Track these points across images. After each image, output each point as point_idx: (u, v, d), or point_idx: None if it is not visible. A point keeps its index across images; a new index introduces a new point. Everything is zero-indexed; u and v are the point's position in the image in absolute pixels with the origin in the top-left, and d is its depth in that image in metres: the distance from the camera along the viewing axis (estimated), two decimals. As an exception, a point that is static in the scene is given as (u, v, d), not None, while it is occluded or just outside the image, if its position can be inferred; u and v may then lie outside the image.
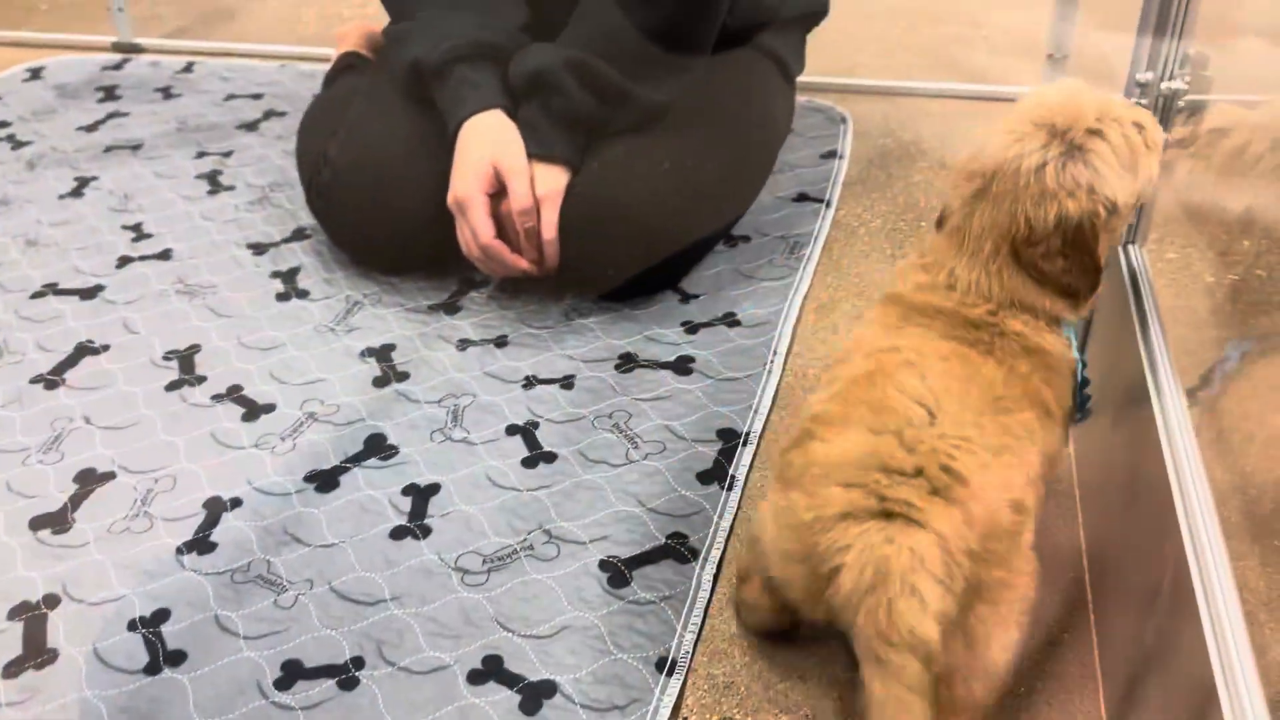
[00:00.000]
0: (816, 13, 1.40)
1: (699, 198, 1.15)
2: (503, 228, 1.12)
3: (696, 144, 1.16)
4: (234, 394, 1.07)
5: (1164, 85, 0.79)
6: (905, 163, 1.47)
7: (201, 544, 0.90)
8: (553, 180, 1.10)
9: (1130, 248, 0.87)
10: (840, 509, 0.65)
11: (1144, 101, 0.82)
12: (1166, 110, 0.80)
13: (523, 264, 1.12)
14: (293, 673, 0.79)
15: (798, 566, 0.68)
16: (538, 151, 1.10)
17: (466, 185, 1.09)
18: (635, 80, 1.11)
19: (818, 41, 1.44)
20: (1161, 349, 0.75)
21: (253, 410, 1.05)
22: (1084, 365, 0.76)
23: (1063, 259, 0.69)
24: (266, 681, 0.78)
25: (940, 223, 0.76)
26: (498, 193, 1.11)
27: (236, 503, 0.94)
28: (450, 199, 1.11)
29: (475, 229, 1.10)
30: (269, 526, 0.91)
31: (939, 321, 0.74)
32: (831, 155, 1.47)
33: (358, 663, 0.79)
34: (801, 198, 1.37)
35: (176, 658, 0.80)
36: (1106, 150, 0.69)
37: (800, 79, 1.42)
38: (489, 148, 1.10)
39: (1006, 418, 0.69)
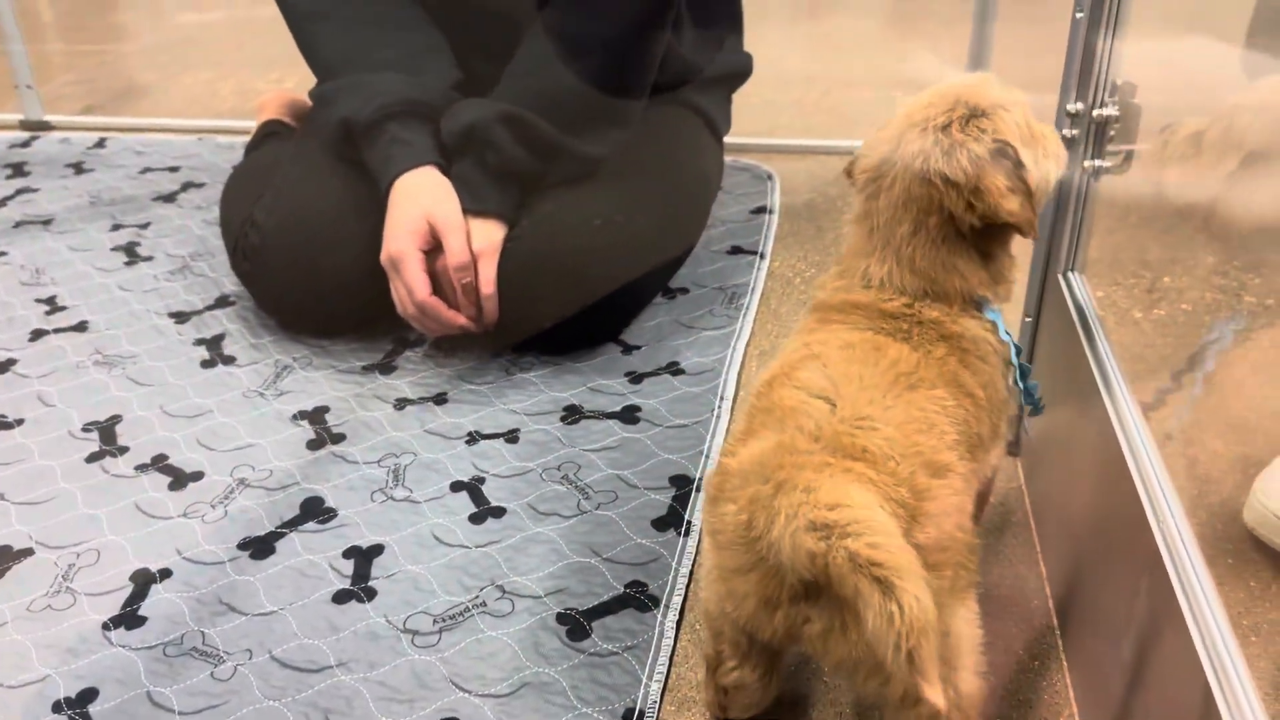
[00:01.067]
0: (740, 73, 1.42)
1: (632, 250, 1.15)
2: (438, 285, 1.09)
3: (629, 197, 1.16)
4: (159, 463, 1.02)
5: (1095, 113, 0.81)
6: (833, 215, 1.49)
7: (130, 618, 0.84)
8: (489, 235, 1.08)
9: (1071, 275, 0.88)
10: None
11: (1075, 132, 0.84)
12: (1099, 137, 0.82)
13: (460, 320, 1.10)
14: (234, 748, 0.73)
15: (752, 577, 0.63)
16: (473, 207, 1.08)
17: (400, 242, 1.07)
18: (569, 134, 1.11)
19: (739, 106, 1.46)
20: (1114, 369, 0.76)
21: (180, 479, 1.00)
22: (1019, 351, 0.74)
23: (979, 203, 0.69)
24: (205, 759, 0.73)
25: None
26: (432, 249, 1.09)
27: (166, 574, 0.89)
28: (384, 256, 1.09)
29: (410, 286, 1.07)
30: (201, 597, 0.86)
31: (856, 316, 0.72)
32: (761, 210, 1.48)
33: (304, 733, 0.74)
34: (736, 250, 1.37)
35: (104, 740, 0.74)
36: (1009, 119, 0.70)
37: (726, 140, 1.44)
38: (423, 203, 1.08)
39: (913, 393, 0.67)
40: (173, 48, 2.42)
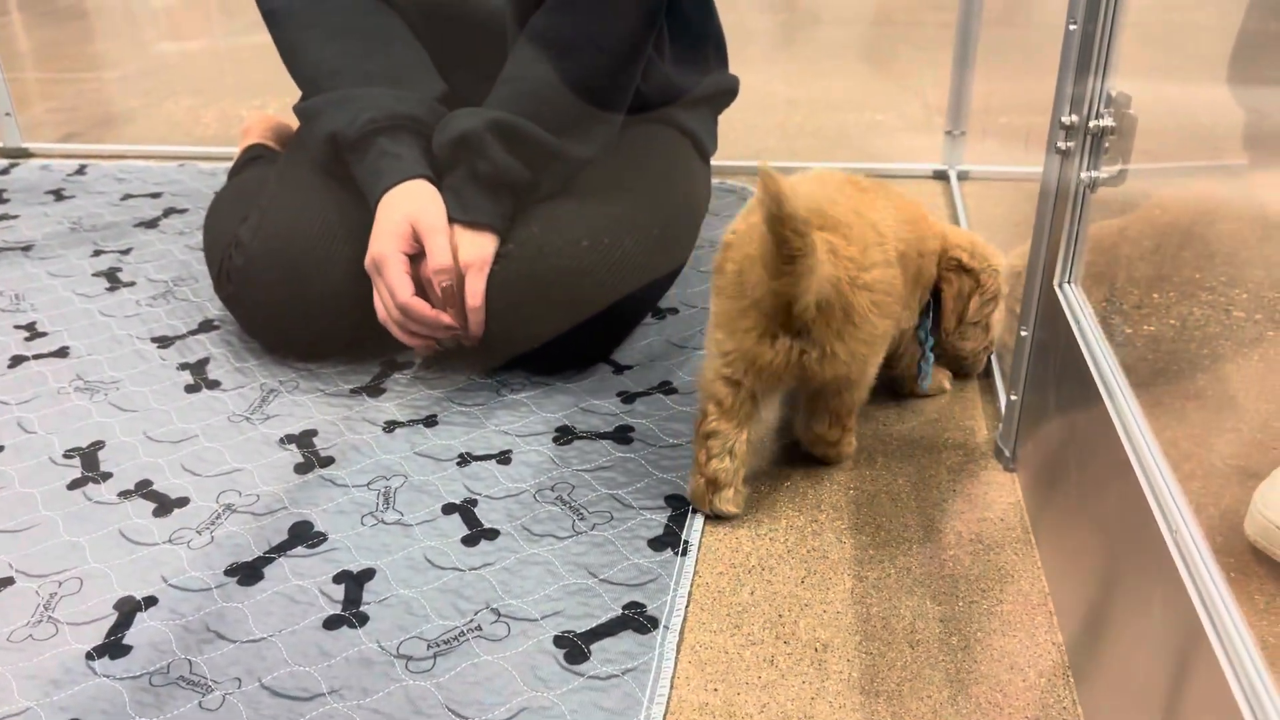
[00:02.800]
0: (726, 92, 1.42)
1: (620, 271, 1.14)
2: (423, 294, 1.08)
3: (617, 218, 1.15)
4: (143, 489, 1.00)
5: (1091, 124, 0.80)
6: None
7: (114, 647, 0.82)
8: (479, 247, 1.07)
9: (1067, 286, 0.88)
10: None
11: (1069, 144, 0.84)
12: (1095, 149, 0.82)
13: (444, 319, 1.08)
14: (224, 779, 0.71)
15: (751, 314, 0.89)
16: (463, 218, 1.08)
17: (383, 244, 1.06)
18: (560, 135, 1.10)
19: (723, 130, 1.46)
20: (1118, 378, 0.75)
21: (164, 505, 0.97)
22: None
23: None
24: (194, 791, 0.70)
25: None
26: (418, 255, 1.07)
27: (151, 601, 0.86)
28: (367, 260, 1.08)
29: (392, 287, 1.06)
30: (189, 624, 0.84)
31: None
32: (749, 231, 1.47)
33: (297, 763, 0.72)
34: (725, 271, 1.36)
35: (89, 773, 0.72)
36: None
37: (712, 162, 1.43)
38: (407, 208, 1.07)
39: (865, 196, 0.97)
40: (154, 75, 2.40)
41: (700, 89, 1.37)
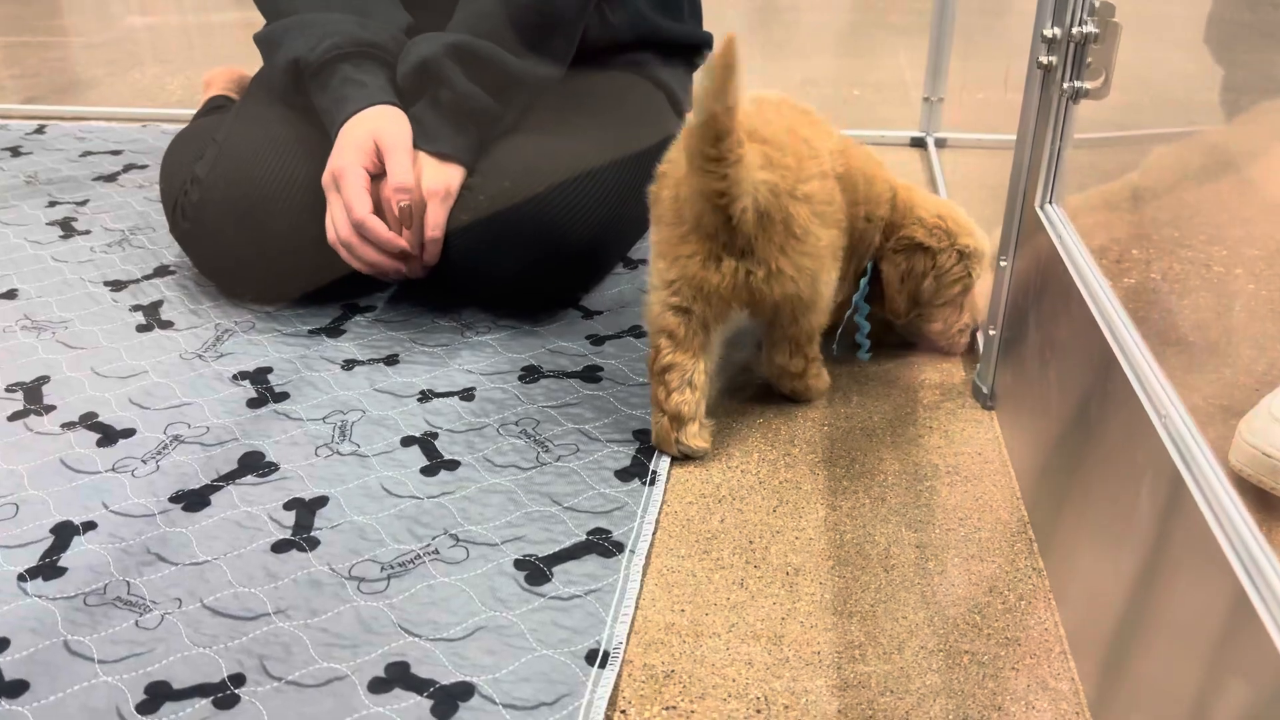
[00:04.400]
0: (700, 44, 1.40)
1: (585, 212, 1.10)
2: (381, 216, 1.04)
3: (590, 155, 1.12)
4: (87, 421, 0.95)
5: (1075, 30, 0.78)
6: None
7: (48, 569, 0.77)
8: (443, 177, 1.04)
9: (1050, 207, 0.85)
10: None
11: (1051, 59, 0.81)
12: (1078, 60, 0.79)
13: (400, 242, 1.03)
14: (159, 695, 0.67)
15: (691, 239, 0.86)
16: (428, 148, 1.04)
17: (343, 157, 1.02)
18: (520, 55, 1.07)
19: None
20: (1107, 293, 0.72)
21: (109, 436, 0.93)
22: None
23: None
24: (128, 706, 0.66)
25: None
26: (378, 176, 1.04)
27: (90, 526, 0.82)
28: (325, 176, 1.03)
29: (350, 202, 1.00)
30: (128, 548, 0.79)
31: None
32: (724, 189, 1.44)
33: (237, 680, 0.68)
34: (698, 225, 1.33)
35: (16, 688, 0.67)
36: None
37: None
38: (370, 125, 1.03)
39: (804, 118, 0.95)
40: (120, 45, 2.36)
41: (674, 33, 1.35)
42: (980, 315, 1.04)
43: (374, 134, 1.02)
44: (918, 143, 1.66)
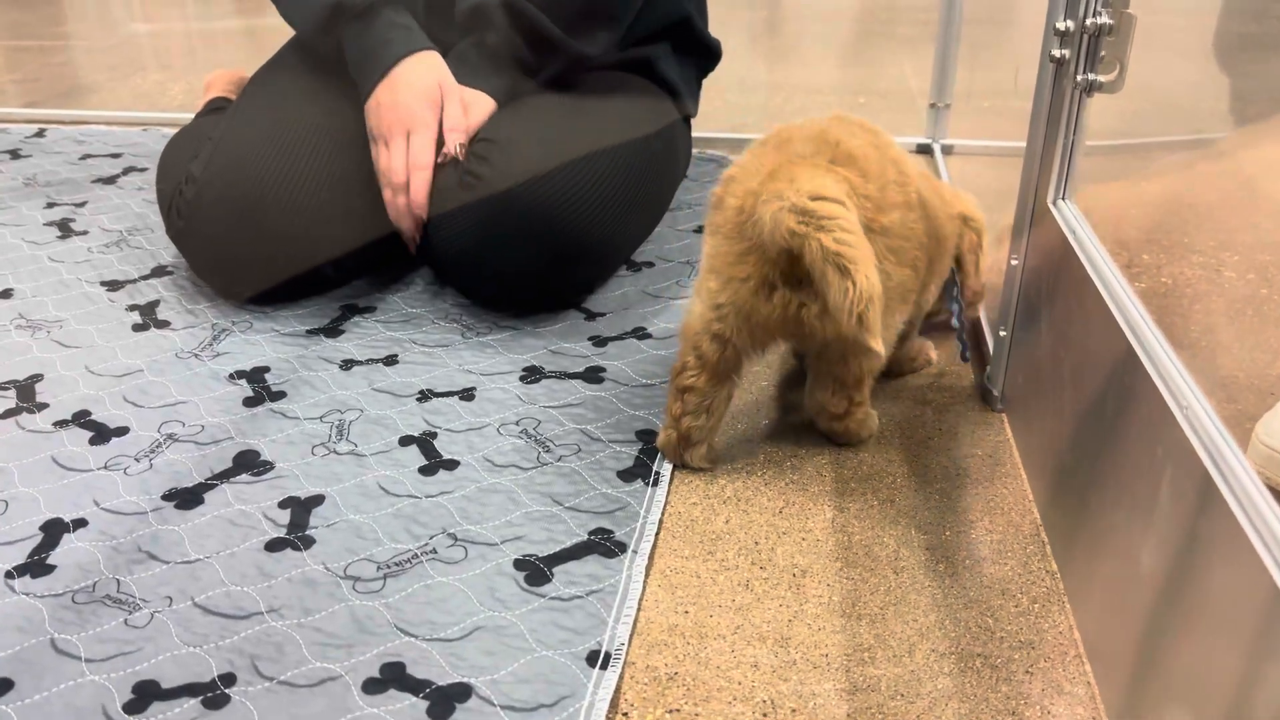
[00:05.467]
0: (711, 47, 1.39)
1: (597, 202, 1.09)
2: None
3: (599, 152, 1.11)
4: (81, 419, 0.93)
5: (1089, 21, 0.76)
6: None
7: (36, 566, 0.75)
8: (479, 104, 1.10)
9: (1063, 203, 0.83)
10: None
11: (1064, 52, 0.80)
12: (1092, 51, 0.78)
13: (424, 207, 1.07)
14: (147, 694, 0.65)
15: (750, 260, 0.78)
16: (468, 82, 1.11)
17: (417, 106, 1.07)
18: (566, 31, 1.13)
19: (703, 105, 1.43)
20: (1125, 288, 0.71)
21: (102, 434, 0.91)
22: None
23: None
24: (114, 706, 0.64)
25: None
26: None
27: (81, 524, 0.80)
28: (393, 122, 1.07)
29: (419, 151, 1.06)
30: (119, 546, 0.78)
31: None
32: (729, 193, 1.43)
33: (227, 679, 0.66)
34: (701, 229, 1.32)
35: (1, 687, 0.65)
36: None
37: (694, 133, 1.40)
38: (435, 74, 1.09)
39: (882, 144, 0.87)
40: (122, 51, 2.35)
41: (699, 30, 1.35)
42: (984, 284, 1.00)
43: (440, 82, 1.08)
44: (924, 149, 1.65)
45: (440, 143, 1.08)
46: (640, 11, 1.22)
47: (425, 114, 1.07)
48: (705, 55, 1.40)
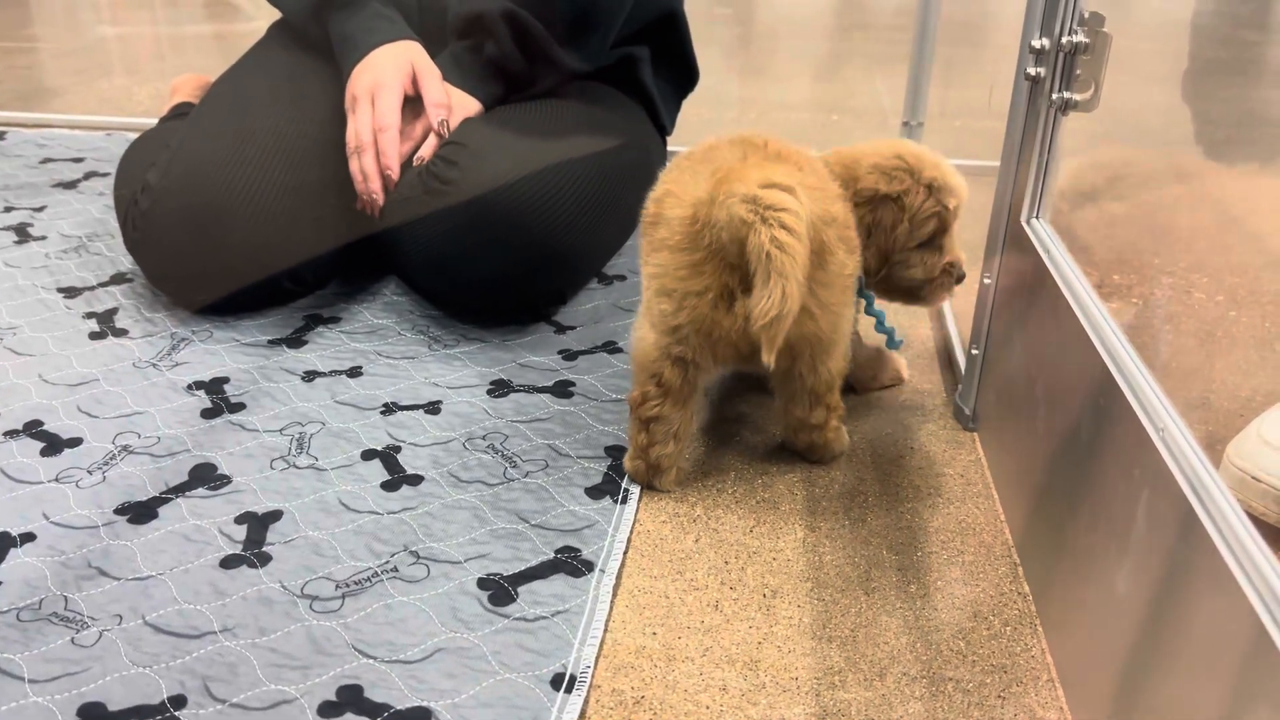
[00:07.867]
0: (690, 69, 1.39)
1: (575, 210, 1.07)
2: None
3: (573, 159, 1.09)
4: (32, 429, 0.91)
5: (1064, 40, 0.76)
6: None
7: (-21, 582, 0.73)
8: (463, 103, 1.10)
9: (1036, 222, 0.83)
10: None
11: (1040, 70, 0.79)
12: (1067, 70, 0.77)
13: (395, 168, 1.05)
14: (93, 716, 0.62)
15: (706, 270, 0.76)
16: (459, 84, 1.11)
17: (383, 73, 1.07)
18: (560, 43, 1.14)
19: (677, 123, 1.42)
20: (1098, 306, 0.70)
21: (54, 445, 0.89)
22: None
23: None
24: (55, 729, 0.61)
25: None
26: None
27: (29, 538, 0.77)
28: (359, 87, 1.07)
29: (384, 111, 1.05)
30: (68, 561, 0.75)
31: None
32: (701, 208, 1.42)
33: (177, 701, 0.63)
34: (674, 242, 1.30)
35: (-66, 709, 0.63)
36: None
37: (669, 150, 1.39)
38: (409, 54, 1.09)
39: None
40: (89, 54, 2.31)
41: (683, 41, 1.35)
42: (961, 255, 0.93)
43: (413, 61, 1.08)
44: (896, 167, 1.64)
45: (418, 135, 1.08)
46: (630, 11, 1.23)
47: (392, 78, 1.06)
48: (684, 74, 1.39)
